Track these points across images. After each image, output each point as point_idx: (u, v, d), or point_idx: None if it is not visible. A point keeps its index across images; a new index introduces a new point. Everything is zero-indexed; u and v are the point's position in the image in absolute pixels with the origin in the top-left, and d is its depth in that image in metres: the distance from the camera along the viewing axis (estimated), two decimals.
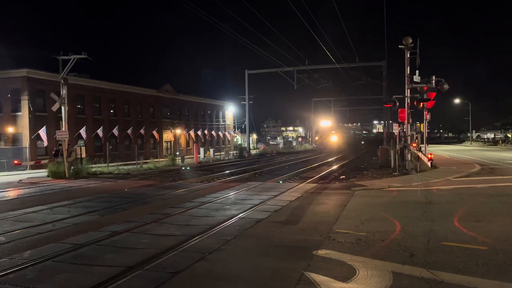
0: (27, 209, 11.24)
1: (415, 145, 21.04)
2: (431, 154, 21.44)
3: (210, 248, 6.85)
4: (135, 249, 6.91)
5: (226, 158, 40.98)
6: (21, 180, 20.37)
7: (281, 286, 5.19)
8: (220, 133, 61.92)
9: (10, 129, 32.59)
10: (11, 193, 15.79)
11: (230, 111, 65.81)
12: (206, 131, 56.99)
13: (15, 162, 27.53)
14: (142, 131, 43.56)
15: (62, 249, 6.93)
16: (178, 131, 51.10)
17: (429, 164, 20.32)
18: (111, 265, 6.00)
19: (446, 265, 5.77)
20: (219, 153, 45.31)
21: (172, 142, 50.20)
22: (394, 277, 5.29)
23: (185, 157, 34.19)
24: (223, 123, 64.44)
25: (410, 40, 18.87)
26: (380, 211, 10.07)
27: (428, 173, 18.38)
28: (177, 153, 43.00)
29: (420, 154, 20.65)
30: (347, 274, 5.46)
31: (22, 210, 11.10)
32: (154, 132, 45.33)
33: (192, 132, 52.78)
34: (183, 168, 27.47)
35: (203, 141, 54.76)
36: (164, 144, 48.77)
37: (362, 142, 71.61)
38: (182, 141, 52.41)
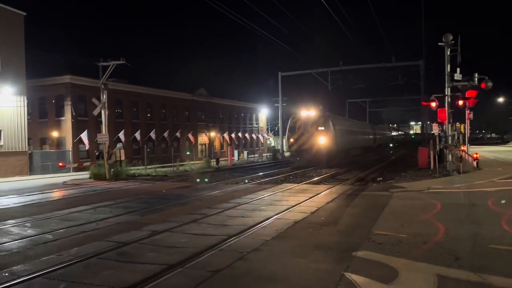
0: (72, 209, 11.75)
1: (460, 146, 20.32)
2: (476, 153, 20.60)
3: (248, 248, 6.89)
4: (175, 248, 7.06)
5: (260, 160, 41.05)
6: (65, 182, 21.29)
7: (321, 287, 5.14)
8: (253, 135, 62.20)
9: (54, 134, 34.20)
10: (57, 194, 16.55)
11: (263, 113, 65.98)
12: (239, 134, 57.39)
13: (60, 164, 28.97)
14: (178, 134, 44.43)
15: (106, 247, 7.19)
16: (213, 134, 51.80)
17: (474, 163, 19.54)
18: (153, 263, 6.16)
19: (494, 268, 5.52)
20: (252, 155, 45.48)
21: (207, 145, 50.93)
22: (439, 280, 5.12)
23: (220, 159, 34.56)
24: (257, 126, 64.68)
25: (451, 37, 18.19)
26: (421, 213, 9.77)
27: (470, 175, 17.64)
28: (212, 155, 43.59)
29: (463, 153, 19.90)
30: (389, 276, 5.33)
31: (67, 210, 11.62)
32: (190, 135, 46.16)
33: (226, 135, 53.37)
34: (218, 170, 27.78)
35: (237, 143, 55.21)
36: (199, 147, 49.57)
37: (391, 145, 59.78)
38: (217, 144, 53.07)
